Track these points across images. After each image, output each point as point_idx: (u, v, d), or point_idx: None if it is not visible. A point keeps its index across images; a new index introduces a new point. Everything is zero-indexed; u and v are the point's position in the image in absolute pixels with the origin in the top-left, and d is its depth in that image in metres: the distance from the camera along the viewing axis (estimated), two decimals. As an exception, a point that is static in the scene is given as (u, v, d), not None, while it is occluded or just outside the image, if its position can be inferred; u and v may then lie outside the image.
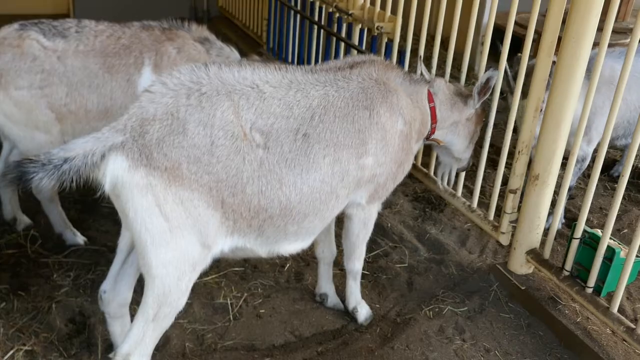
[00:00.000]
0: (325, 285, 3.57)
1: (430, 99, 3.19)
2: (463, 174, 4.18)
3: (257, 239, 2.64)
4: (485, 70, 3.31)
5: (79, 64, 3.36)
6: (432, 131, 3.27)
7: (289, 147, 2.56)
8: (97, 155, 2.24)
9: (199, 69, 2.48)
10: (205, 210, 2.39)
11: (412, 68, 4.07)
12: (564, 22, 3.29)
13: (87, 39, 3.42)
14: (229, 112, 2.42)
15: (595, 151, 3.59)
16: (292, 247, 2.82)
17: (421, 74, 3.41)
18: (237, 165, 2.42)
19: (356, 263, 3.37)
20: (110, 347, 3.09)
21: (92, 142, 2.27)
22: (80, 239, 3.88)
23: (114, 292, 2.81)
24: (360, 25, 4.97)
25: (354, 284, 3.46)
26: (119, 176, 2.27)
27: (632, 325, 3.17)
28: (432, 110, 3.19)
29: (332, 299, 3.58)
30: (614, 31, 3.31)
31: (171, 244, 2.37)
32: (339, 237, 4.00)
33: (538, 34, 3.52)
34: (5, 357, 3.02)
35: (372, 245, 3.56)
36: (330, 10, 5.26)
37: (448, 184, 4.12)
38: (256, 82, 2.56)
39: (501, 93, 3.88)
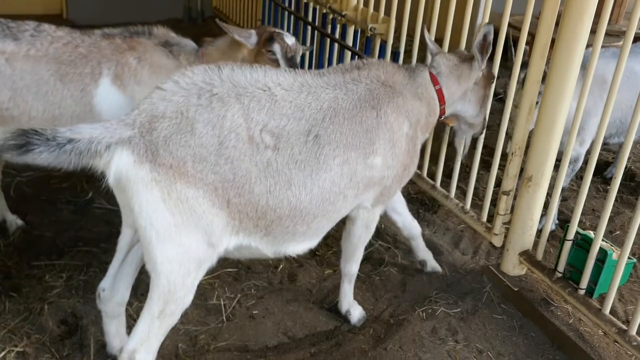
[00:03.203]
0: (424, 254, 3.93)
1: (435, 81, 3.17)
2: (456, 176, 4.19)
3: (263, 238, 2.65)
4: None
5: (28, 69, 3.22)
6: (442, 112, 3.25)
7: (299, 148, 2.58)
8: (103, 144, 2.25)
9: (212, 70, 2.50)
10: (210, 209, 2.40)
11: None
12: (557, 24, 3.31)
13: (41, 44, 3.28)
14: (239, 114, 2.44)
15: (589, 152, 3.61)
16: (299, 247, 2.83)
17: (426, 50, 3.43)
18: (245, 167, 2.44)
19: (353, 266, 3.37)
20: (103, 348, 3.09)
21: (100, 130, 2.27)
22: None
23: (113, 291, 2.82)
24: (353, 27, 4.98)
25: (348, 287, 3.46)
26: (124, 170, 2.28)
27: (624, 327, 3.19)
28: (439, 92, 3.18)
29: (431, 263, 3.95)
30: (607, 34, 3.32)
31: (176, 240, 2.37)
32: (332, 237, 4.01)
33: (532, 36, 3.53)
34: (-3, 359, 3.01)
35: (365, 246, 3.56)
36: (324, 11, 5.26)
37: (464, 151, 4.05)
38: (268, 85, 2.58)
39: (496, 95, 3.89)
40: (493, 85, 3.62)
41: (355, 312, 3.49)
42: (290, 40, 3.57)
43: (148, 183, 2.28)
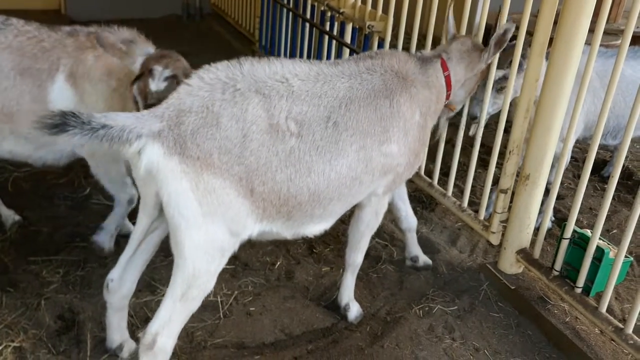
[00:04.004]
0: (416, 249, 3.96)
1: (445, 67, 3.24)
2: (454, 174, 4.19)
3: (284, 223, 2.76)
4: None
5: None
6: (447, 97, 3.32)
7: (320, 134, 2.70)
8: (134, 133, 2.34)
9: (234, 66, 2.61)
10: (236, 198, 2.50)
11: None
12: (555, 23, 3.31)
13: (5, 37, 3.22)
14: (259, 107, 2.54)
15: (581, 150, 3.61)
16: (316, 228, 2.95)
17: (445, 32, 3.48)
18: (268, 156, 2.54)
19: (359, 255, 3.41)
20: (100, 343, 3.09)
21: (133, 119, 2.38)
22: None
23: (121, 282, 2.85)
24: (351, 24, 4.97)
25: (351, 279, 3.48)
26: (154, 162, 2.38)
27: (621, 325, 3.19)
28: (447, 78, 3.25)
29: (423, 258, 3.97)
30: (605, 32, 3.32)
31: (203, 228, 2.47)
32: (329, 235, 4.01)
33: (530, 34, 3.53)
34: (-6, 354, 3.01)
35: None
36: (322, 8, 5.26)
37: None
38: (286, 76, 2.69)
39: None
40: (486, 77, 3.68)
41: (354, 308, 3.50)
42: (155, 84, 3.05)
43: (177, 174, 2.39)
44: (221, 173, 2.44)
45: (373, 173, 2.91)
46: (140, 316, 3.34)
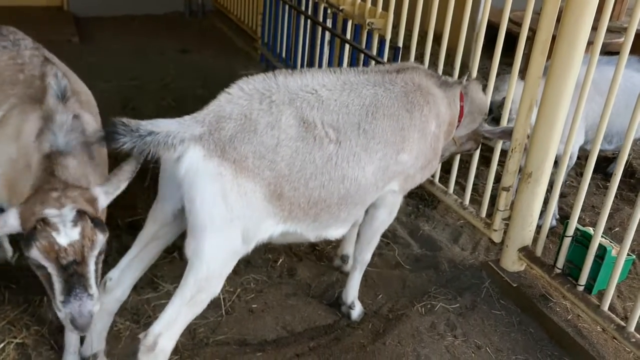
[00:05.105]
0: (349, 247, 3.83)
1: (462, 98, 3.38)
2: (455, 172, 4.19)
3: (310, 225, 2.82)
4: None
5: None
6: (456, 127, 3.45)
7: (355, 141, 2.80)
8: (178, 138, 2.42)
9: (270, 77, 2.74)
10: (261, 202, 2.58)
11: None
12: (558, 20, 3.30)
13: None
14: (291, 117, 2.66)
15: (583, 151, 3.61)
16: (337, 232, 3.01)
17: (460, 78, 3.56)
18: (302, 163, 2.65)
19: (368, 253, 3.43)
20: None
21: (176, 125, 2.45)
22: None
23: (118, 282, 2.85)
24: (351, 21, 4.96)
25: (358, 277, 3.49)
26: (194, 163, 2.45)
27: (623, 323, 3.20)
28: (461, 108, 3.39)
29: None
30: (609, 30, 3.32)
31: (226, 232, 2.53)
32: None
33: (532, 32, 3.52)
34: (-4, 350, 3.02)
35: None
36: (324, 5, 5.25)
37: None
38: (315, 88, 2.80)
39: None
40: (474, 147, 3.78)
41: (357, 307, 3.51)
42: (63, 238, 2.20)
43: (215, 176, 2.46)
44: (253, 177, 2.53)
45: (385, 179, 3.00)
46: (142, 313, 3.34)
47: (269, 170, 2.57)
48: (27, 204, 2.28)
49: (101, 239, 2.32)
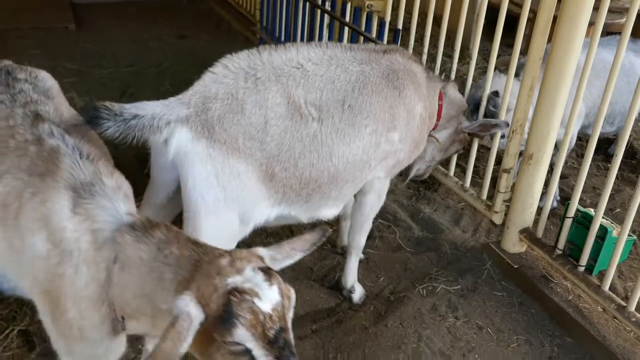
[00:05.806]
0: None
1: (440, 97, 3.36)
2: (456, 154, 4.19)
3: (302, 206, 2.82)
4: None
5: None
6: (434, 127, 3.43)
7: (339, 117, 2.77)
8: (163, 120, 2.38)
9: (254, 54, 2.70)
10: (256, 183, 2.56)
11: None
12: (559, 0, 3.28)
13: None
14: (277, 95, 2.62)
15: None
16: (329, 212, 3.01)
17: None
18: (291, 142, 2.61)
19: (362, 237, 3.43)
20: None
21: (161, 107, 2.42)
22: None
23: None
24: (350, 3, 4.92)
25: (355, 261, 3.50)
26: (182, 145, 2.42)
27: (623, 303, 3.21)
28: (440, 107, 3.37)
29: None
30: (610, 10, 3.30)
31: (221, 213, 2.51)
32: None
33: (533, 12, 3.50)
34: (0, 337, 3.02)
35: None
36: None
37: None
38: (300, 62, 2.76)
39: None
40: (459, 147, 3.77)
41: (358, 289, 3.52)
42: (266, 303, 1.76)
43: (204, 158, 2.43)
44: (245, 158, 2.50)
45: (378, 157, 2.97)
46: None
47: (260, 150, 2.54)
48: (198, 285, 1.75)
49: (294, 294, 1.88)
